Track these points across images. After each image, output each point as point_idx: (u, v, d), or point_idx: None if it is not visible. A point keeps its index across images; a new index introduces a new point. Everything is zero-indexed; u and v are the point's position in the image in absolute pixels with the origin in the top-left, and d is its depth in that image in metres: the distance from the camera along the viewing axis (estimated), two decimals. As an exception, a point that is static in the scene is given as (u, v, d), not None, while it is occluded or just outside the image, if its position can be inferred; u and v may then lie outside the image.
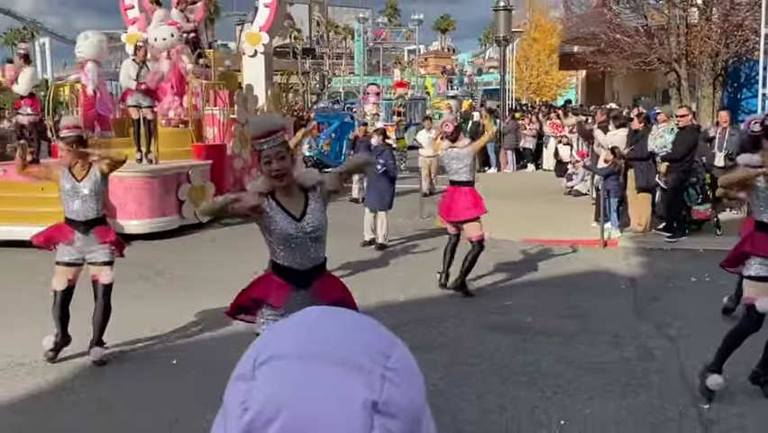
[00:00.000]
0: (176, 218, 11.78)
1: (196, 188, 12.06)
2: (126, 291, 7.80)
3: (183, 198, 11.86)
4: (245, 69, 15.23)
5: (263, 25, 15.08)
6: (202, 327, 6.94)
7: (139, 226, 11.19)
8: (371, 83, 35.71)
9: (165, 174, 11.75)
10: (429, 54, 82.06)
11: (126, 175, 11.13)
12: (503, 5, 23.24)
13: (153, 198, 11.38)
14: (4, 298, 8.06)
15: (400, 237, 11.30)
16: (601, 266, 9.31)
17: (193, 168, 12.23)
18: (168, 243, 11.16)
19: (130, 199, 11.20)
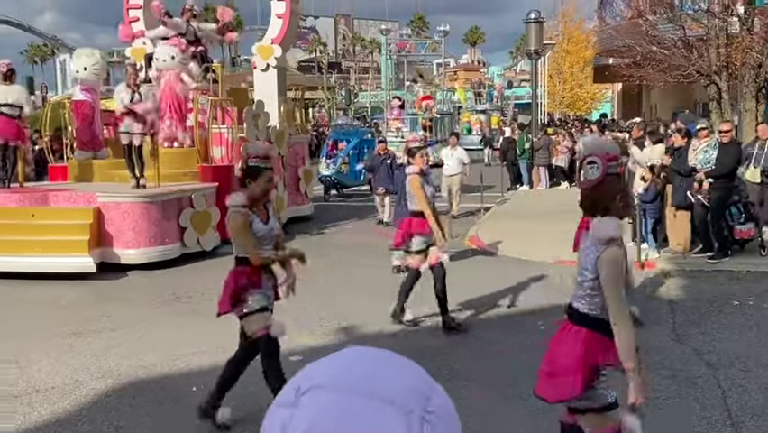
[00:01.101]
0: (177, 246, 11.20)
1: (201, 214, 11.59)
2: (146, 316, 8.25)
3: (185, 225, 11.35)
4: (256, 83, 14.92)
5: (276, 38, 14.73)
6: (223, 354, 6.67)
7: (136, 256, 10.67)
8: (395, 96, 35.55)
9: (166, 199, 11.16)
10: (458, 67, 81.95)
11: (124, 200, 10.85)
12: (534, 18, 22.89)
13: (153, 224, 10.85)
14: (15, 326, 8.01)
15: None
16: (638, 289, 9.04)
17: (196, 192, 11.72)
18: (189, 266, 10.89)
19: (127, 227, 10.72)
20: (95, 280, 9.94)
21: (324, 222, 14.94)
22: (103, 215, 10.70)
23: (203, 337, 7.21)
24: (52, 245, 10.24)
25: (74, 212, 10.87)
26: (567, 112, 44.66)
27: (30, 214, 10.97)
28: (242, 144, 12.98)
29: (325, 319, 7.91)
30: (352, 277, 10.16)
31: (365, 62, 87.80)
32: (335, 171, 19.14)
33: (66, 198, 11.15)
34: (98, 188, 11.38)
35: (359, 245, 12.55)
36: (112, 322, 8.00)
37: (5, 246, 10.33)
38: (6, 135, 11.53)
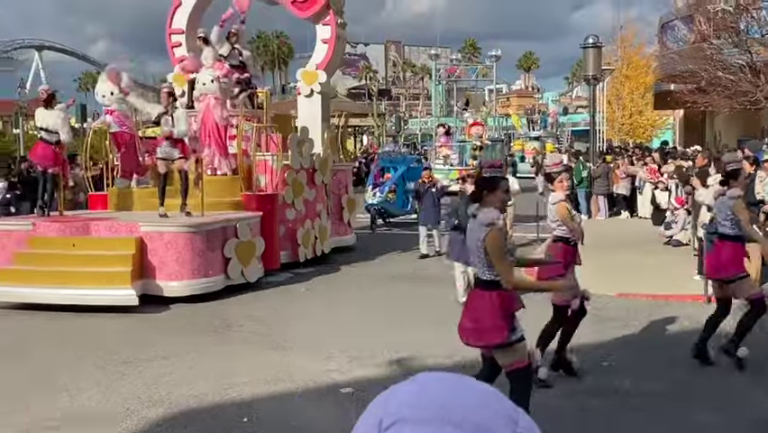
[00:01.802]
0: (221, 278, 10.94)
1: (245, 244, 11.39)
2: (196, 345, 8.28)
3: (229, 256, 11.08)
4: (300, 109, 14.78)
5: (320, 63, 14.63)
6: (276, 384, 6.80)
7: (179, 288, 10.41)
8: (440, 123, 35.30)
9: (210, 228, 10.90)
10: (511, 94, 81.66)
11: (167, 229, 10.62)
12: (592, 42, 22.48)
13: (196, 255, 10.58)
14: (64, 355, 7.99)
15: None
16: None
17: (241, 221, 11.46)
18: (233, 298, 10.70)
19: (170, 258, 10.46)
20: (137, 312, 9.78)
21: (369, 252, 14.69)
22: (145, 245, 10.48)
23: (255, 367, 7.22)
24: (93, 277, 10.09)
25: (116, 242, 10.68)
26: (626, 139, 43.79)
27: (70, 244, 10.82)
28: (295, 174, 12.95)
29: (377, 350, 7.81)
30: (399, 307, 10.02)
31: (415, 89, 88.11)
32: (382, 200, 18.91)
33: (107, 227, 10.97)
34: (140, 218, 11.22)
35: (407, 276, 12.38)
36: (162, 351, 7.98)
37: (46, 277, 10.20)
38: (44, 162, 11.53)
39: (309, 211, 13.57)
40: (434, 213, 14.18)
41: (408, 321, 9.18)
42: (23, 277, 10.33)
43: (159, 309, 9.96)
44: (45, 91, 11.69)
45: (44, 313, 9.72)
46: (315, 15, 14.37)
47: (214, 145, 12.27)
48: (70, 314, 9.59)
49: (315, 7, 14.20)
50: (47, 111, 11.45)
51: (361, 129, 62.87)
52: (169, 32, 15.21)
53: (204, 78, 12.35)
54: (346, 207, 15.37)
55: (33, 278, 10.26)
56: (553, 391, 6.56)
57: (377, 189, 19.07)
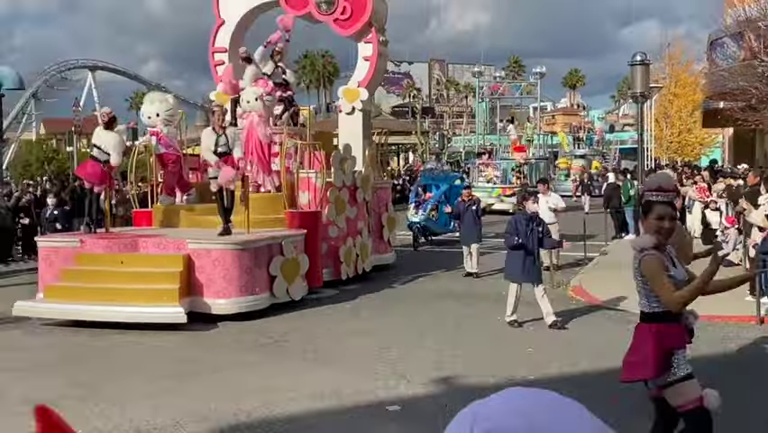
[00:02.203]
0: (266, 296, 10.87)
1: (290, 262, 11.40)
2: (243, 360, 8.34)
3: (275, 274, 11.04)
4: (341, 127, 14.81)
5: (362, 80, 14.67)
6: (322, 401, 6.83)
7: (227, 306, 10.35)
8: (480, 152, 35.18)
9: (257, 246, 10.86)
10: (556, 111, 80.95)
11: (214, 246, 10.58)
12: (640, 60, 22.15)
13: (244, 273, 10.52)
14: (113, 370, 8.12)
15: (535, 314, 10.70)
16: (758, 347, 8.71)
17: (286, 239, 11.44)
18: (278, 317, 10.68)
19: (218, 275, 10.43)
20: (183, 329, 9.77)
21: (412, 270, 14.64)
22: (193, 262, 10.47)
23: (301, 384, 7.28)
24: (141, 294, 10.09)
25: (164, 259, 10.68)
26: (675, 157, 43.05)
27: (118, 260, 10.83)
28: (337, 192, 12.97)
29: (423, 368, 7.80)
30: (445, 325, 9.99)
31: (459, 107, 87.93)
32: (424, 218, 18.82)
33: (155, 244, 10.96)
34: (188, 235, 11.19)
35: (452, 294, 12.33)
36: (209, 366, 8.06)
37: (93, 294, 10.19)
38: (91, 179, 11.69)
39: (351, 229, 13.58)
40: (474, 231, 14.07)
41: (454, 339, 9.18)
42: (71, 294, 10.35)
43: (205, 327, 9.94)
44: (107, 114, 11.90)
45: (91, 330, 9.78)
46: (358, 33, 14.45)
47: (257, 162, 12.34)
48: (117, 331, 9.65)
49: (358, 25, 14.28)
50: (105, 131, 11.66)
51: (405, 147, 63.09)
52: (212, 50, 15.37)
53: (248, 95, 12.45)
54: (386, 225, 15.33)
55: (81, 294, 10.27)
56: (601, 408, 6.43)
57: (419, 207, 19.02)
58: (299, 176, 12.67)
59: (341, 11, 14.25)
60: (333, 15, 14.31)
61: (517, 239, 9.53)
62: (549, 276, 12.40)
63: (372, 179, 14.54)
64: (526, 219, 9.75)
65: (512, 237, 9.61)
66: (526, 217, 9.78)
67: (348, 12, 14.22)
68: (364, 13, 14.22)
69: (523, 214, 9.92)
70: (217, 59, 15.29)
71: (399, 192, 33.22)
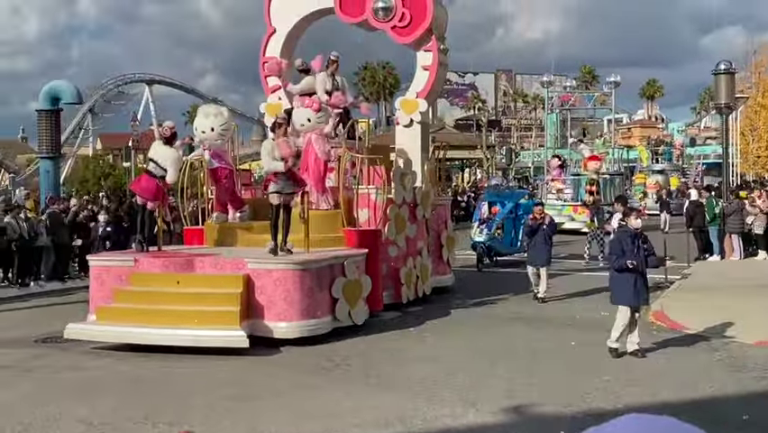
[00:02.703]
0: (328, 320, 10.71)
1: (352, 283, 11.20)
2: (306, 384, 8.39)
3: (337, 296, 10.88)
4: (398, 140, 14.53)
5: (421, 91, 14.38)
6: (386, 427, 6.82)
7: (288, 330, 10.19)
8: (555, 154, 34.57)
9: (319, 266, 10.68)
10: (633, 124, 79.55)
11: (276, 266, 10.42)
12: (725, 68, 21.60)
13: (306, 295, 10.36)
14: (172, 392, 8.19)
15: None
16: None
17: (348, 259, 11.28)
18: (341, 343, 10.54)
19: (279, 296, 10.26)
20: (243, 353, 9.63)
21: (475, 293, 14.46)
22: (253, 283, 10.32)
23: (365, 409, 7.31)
24: (200, 316, 9.96)
25: (222, 279, 10.55)
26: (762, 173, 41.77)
27: (175, 280, 10.70)
28: (397, 209, 12.94)
29: (491, 395, 7.73)
30: (514, 351, 9.90)
31: (527, 119, 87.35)
32: (489, 237, 18.62)
33: (212, 263, 10.83)
34: (245, 254, 11.05)
35: (520, 317, 12.19)
36: (269, 390, 8.12)
37: (148, 316, 10.08)
38: (145, 194, 11.74)
39: (410, 248, 13.43)
40: (544, 252, 13.83)
41: (526, 365, 9.10)
42: (124, 315, 10.27)
43: (264, 351, 9.81)
44: (170, 129, 12.02)
45: (146, 355, 9.74)
46: (417, 41, 14.29)
47: (312, 181, 12.23)
48: (172, 355, 9.61)
49: (417, 32, 14.10)
50: (163, 146, 11.73)
51: (470, 162, 62.89)
52: (262, 60, 15.19)
53: (299, 119, 12.43)
54: (446, 245, 15.10)
55: (135, 317, 10.18)
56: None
57: (483, 226, 18.83)
58: (358, 192, 12.56)
59: (399, 17, 14.06)
60: (392, 22, 14.13)
61: (631, 262, 9.21)
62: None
63: (432, 196, 14.43)
64: (631, 237, 9.51)
65: (622, 258, 9.35)
66: (630, 235, 9.54)
67: (407, 18, 14.06)
68: (424, 19, 14.04)
69: (626, 231, 9.72)
70: (268, 69, 15.12)
71: (464, 210, 33.13)
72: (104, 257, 12.29)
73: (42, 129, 25.14)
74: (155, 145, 11.98)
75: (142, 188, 11.79)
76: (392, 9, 14.00)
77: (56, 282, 16.55)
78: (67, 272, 17.26)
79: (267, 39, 15.27)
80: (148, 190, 11.68)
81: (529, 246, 14.49)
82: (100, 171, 45.91)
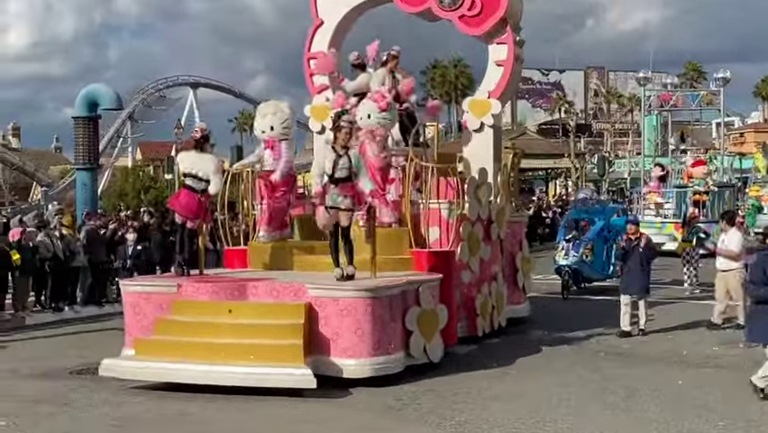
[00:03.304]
0: (401, 356, 10.51)
1: (428, 313, 11.00)
2: (380, 427, 8.48)
3: (411, 328, 10.68)
4: (467, 147, 14.25)
5: (494, 90, 14.03)
6: None
7: (358, 368, 9.98)
8: (657, 163, 33.76)
9: (392, 294, 10.44)
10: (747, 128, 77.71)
11: (343, 294, 10.19)
12: None
13: (377, 326, 10.10)
14: None
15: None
16: None
17: (424, 285, 11.06)
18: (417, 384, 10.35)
19: (347, 328, 10.00)
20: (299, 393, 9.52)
21: (560, 324, 14.26)
22: (316, 312, 10.15)
23: None
24: (257, 351, 9.83)
25: (281, 308, 10.37)
26: None
27: (226, 309, 10.50)
28: (471, 227, 12.70)
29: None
30: (606, 390, 9.81)
31: (623, 123, 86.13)
32: (576, 260, 18.30)
33: (267, 289, 10.64)
34: (304, 278, 10.87)
35: (614, 353, 12.09)
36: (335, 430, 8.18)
37: (195, 351, 9.95)
38: (185, 213, 11.61)
39: (485, 273, 13.19)
40: (641, 278, 13.50)
41: (622, 406, 9.04)
42: (167, 350, 10.13)
43: (327, 390, 9.61)
44: (201, 130, 11.91)
45: (192, 395, 9.62)
46: (489, 33, 14.01)
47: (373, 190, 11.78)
48: (221, 395, 9.52)
49: (490, 22, 13.82)
50: (197, 154, 11.61)
51: (556, 172, 62.33)
52: (307, 56, 15.13)
53: (361, 112, 12.21)
54: (521, 269, 14.84)
55: (179, 351, 10.02)
56: None
57: (569, 247, 18.54)
58: (428, 207, 12.31)
59: (468, 5, 13.79)
60: (459, 11, 13.89)
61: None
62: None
63: (508, 212, 14.22)
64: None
65: (756, 287, 9.16)
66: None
67: (477, 6, 13.77)
68: (498, 7, 13.76)
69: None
70: (316, 66, 14.86)
71: (549, 227, 32.81)
72: (141, 282, 12.13)
73: (79, 137, 25.93)
74: (187, 156, 11.83)
75: (182, 206, 11.66)
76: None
77: (92, 307, 17.00)
78: (104, 295, 17.70)
79: (313, 32, 15.18)
80: (189, 208, 11.58)
81: (622, 271, 14.15)
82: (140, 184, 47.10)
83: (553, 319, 14.86)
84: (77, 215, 23.01)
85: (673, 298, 17.67)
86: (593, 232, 18.95)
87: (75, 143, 26.55)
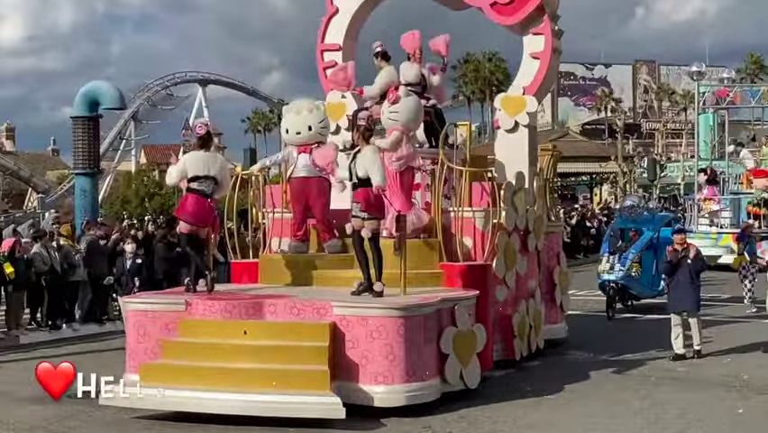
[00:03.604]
0: (436, 383, 10.38)
1: (464, 335, 10.90)
2: None
3: (447, 351, 10.56)
4: (499, 148, 14.01)
5: (529, 86, 13.88)
6: None
7: (390, 396, 9.86)
8: (703, 168, 33.28)
9: (426, 313, 10.31)
10: (815, 128, 76.86)
11: (372, 312, 10.06)
12: None
13: (411, 349, 9.95)
14: None
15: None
16: None
17: (460, 302, 10.95)
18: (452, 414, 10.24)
19: (377, 351, 9.85)
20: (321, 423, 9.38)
21: (603, 346, 14.21)
22: (341, 333, 10.01)
23: None
24: (278, 376, 9.66)
25: (302, 328, 10.17)
26: None
27: (241, 330, 10.26)
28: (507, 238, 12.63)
29: None
30: (662, 418, 9.81)
31: (675, 123, 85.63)
32: (623, 275, 18.11)
33: (286, 307, 10.45)
34: (329, 295, 10.76)
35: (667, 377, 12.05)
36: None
37: (207, 377, 9.82)
38: (195, 220, 11.45)
39: (521, 289, 13.08)
40: (691, 293, 13.36)
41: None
42: (175, 375, 9.95)
43: (362, 422, 9.55)
44: (204, 126, 11.71)
45: (203, 426, 9.57)
46: (523, 22, 13.87)
47: (391, 195, 11.50)
48: (238, 429, 9.43)
49: (526, 10, 13.66)
50: (202, 154, 11.45)
51: (601, 177, 62.06)
52: (320, 48, 15.01)
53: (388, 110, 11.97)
54: (559, 284, 14.72)
55: (189, 376, 9.89)
56: None
57: (615, 260, 18.37)
58: (457, 215, 12.15)
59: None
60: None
61: None
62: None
63: (546, 221, 14.11)
64: None
65: None
66: None
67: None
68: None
69: None
70: (327, 59, 14.86)
71: (593, 238, 32.67)
72: (145, 299, 11.71)
73: (78, 139, 26.03)
74: (191, 157, 11.62)
75: (191, 213, 11.47)
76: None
77: (93, 325, 17.12)
78: (105, 313, 17.79)
79: (327, 21, 15.02)
80: (200, 214, 11.44)
81: (670, 286, 13.99)
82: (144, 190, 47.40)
83: (596, 340, 14.83)
84: (75, 224, 23.21)
85: (732, 316, 17.53)
86: (641, 243, 18.80)
87: (73, 146, 26.62)
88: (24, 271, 15.91)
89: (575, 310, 17.05)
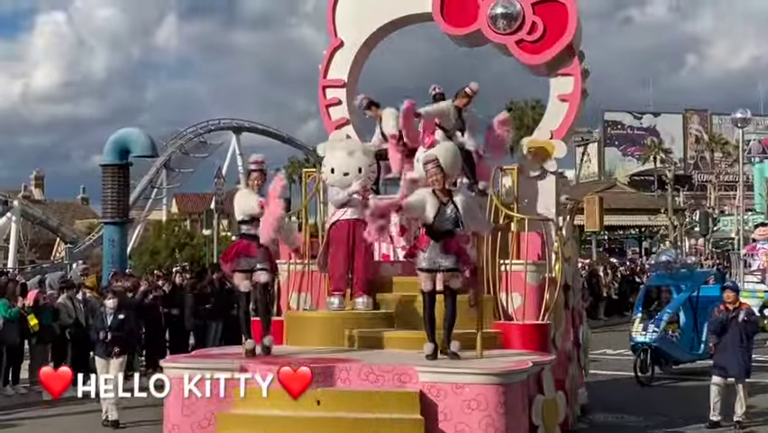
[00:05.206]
0: None
1: (550, 403, 10.60)
2: None
3: (537, 423, 10.13)
4: (524, 198, 13.16)
5: (557, 129, 13.49)
6: None
7: None
8: (760, 223, 32.92)
9: (522, 379, 9.79)
10: None
11: (467, 379, 9.37)
12: None
13: (512, 423, 9.32)
14: None
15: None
16: None
17: (546, 367, 10.64)
18: None
19: (475, 425, 9.13)
20: None
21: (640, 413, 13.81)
22: (432, 403, 9.25)
23: None
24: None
25: (387, 398, 9.33)
26: None
27: (314, 400, 9.25)
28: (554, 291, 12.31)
29: None
30: None
31: (729, 174, 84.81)
32: (657, 336, 17.44)
33: (360, 373, 9.64)
34: (396, 358, 10.14)
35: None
36: None
37: None
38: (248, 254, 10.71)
39: (562, 351, 12.44)
40: (740, 357, 12.86)
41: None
42: None
43: None
44: (258, 163, 11.08)
45: None
46: (551, 62, 13.46)
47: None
48: None
49: (555, 49, 13.22)
50: (254, 195, 10.72)
51: (651, 230, 61.50)
52: (323, 84, 14.56)
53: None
54: (584, 345, 14.17)
55: None
56: None
57: (649, 320, 17.80)
58: (509, 269, 11.69)
59: (528, 28, 13.22)
60: (517, 35, 13.27)
61: None
62: None
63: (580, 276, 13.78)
64: None
65: None
66: None
67: (539, 30, 13.18)
68: (564, 32, 13.19)
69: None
70: (330, 96, 14.50)
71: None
72: (193, 362, 10.40)
73: (107, 188, 26.30)
74: (241, 197, 11.02)
75: (241, 253, 10.79)
76: (517, 16, 13.22)
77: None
78: (131, 368, 17.73)
79: (330, 54, 14.57)
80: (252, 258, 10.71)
81: (717, 348, 13.37)
82: (174, 241, 47.57)
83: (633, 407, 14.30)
84: (102, 275, 23.29)
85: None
86: (677, 302, 18.31)
87: (102, 194, 26.90)
88: (49, 324, 15.91)
89: (609, 371, 17.21)
